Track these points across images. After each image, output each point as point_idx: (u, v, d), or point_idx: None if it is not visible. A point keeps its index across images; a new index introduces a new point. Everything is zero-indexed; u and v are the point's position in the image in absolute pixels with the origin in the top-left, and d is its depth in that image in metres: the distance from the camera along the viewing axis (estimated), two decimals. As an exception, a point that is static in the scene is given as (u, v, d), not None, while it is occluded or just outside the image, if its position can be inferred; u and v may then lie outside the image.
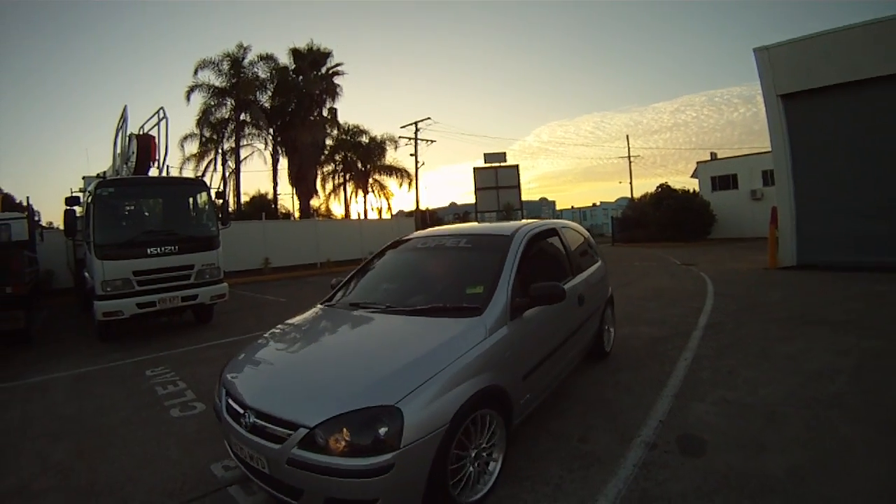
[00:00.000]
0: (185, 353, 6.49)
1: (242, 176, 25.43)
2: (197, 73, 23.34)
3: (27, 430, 4.08)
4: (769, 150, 12.65)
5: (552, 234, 4.22)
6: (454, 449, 2.33)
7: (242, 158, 25.22)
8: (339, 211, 31.53)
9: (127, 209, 7.88)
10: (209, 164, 25.03)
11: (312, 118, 25.95)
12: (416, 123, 28.79)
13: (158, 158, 8.62)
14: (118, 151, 9.45)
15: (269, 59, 24.62)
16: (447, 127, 76.17)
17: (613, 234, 31.67)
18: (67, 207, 7.48)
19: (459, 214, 45.56)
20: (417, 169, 29.43)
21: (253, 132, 25.23)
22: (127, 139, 8.80)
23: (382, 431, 2.09)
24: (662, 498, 2.54)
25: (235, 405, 2.55)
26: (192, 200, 8.22)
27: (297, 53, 25.95)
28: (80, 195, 8.60)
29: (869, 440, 3.01)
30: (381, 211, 32.47)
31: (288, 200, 32.45)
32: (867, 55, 10.43)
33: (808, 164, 11.62)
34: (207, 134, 24.46)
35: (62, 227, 8.41)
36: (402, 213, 38.71)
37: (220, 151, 25.09)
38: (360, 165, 30.31)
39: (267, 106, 25.09)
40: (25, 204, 13.57)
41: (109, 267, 6.86)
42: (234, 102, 23.84)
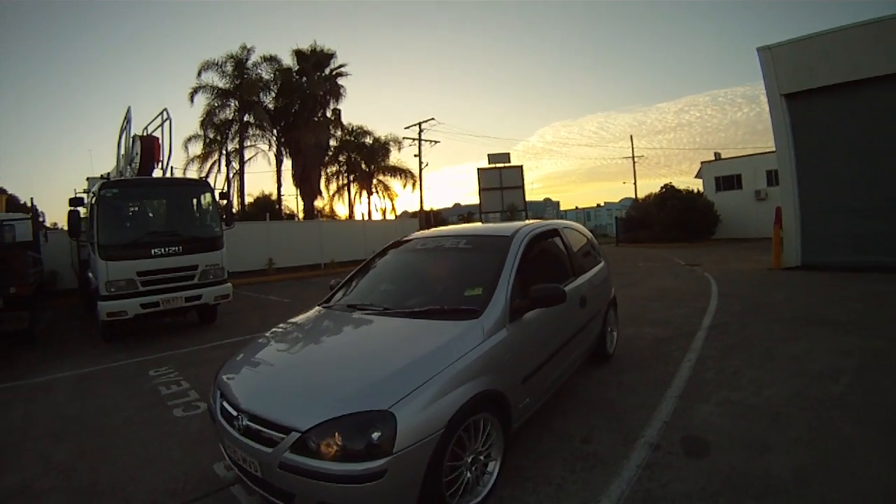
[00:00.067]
0: (188, 353, 6.51)
1: (246, 177, 25.43)
2: (201, 74, 23.43)
3: (30, 429, 4.10)
4: (773, 149, 12.62)
5: (553, 234, 4.17)
6: (450, 454, 2.29)
7: (246, 159, 25.29)
8: (343, 212, 31.60)
9: (131, 210, 7.91)
10: (213, 165, 25.08)
11: (316, 119, 25.95)
12: (419, 124, 28.86)
13: (162, 159, 8.66)
14: (122, 152, 9.49)
15: (272, 60, 24.64)
16: (451, 127, 76.25)
17: (617, 234, 31.62)
18: (71, 208, 7.49)
19: (464, 215, 45.52)
20: (421, 169, 29.49)
21: (257, 133, 25.25)
22: (131, 140, 8.83)
23: (375, 436, 2.05)
24: (666, 499, 2.53)
25: (229, 407, 2.53)
26: (195, 201, 8.24)
27: (300, 54, 25.96)
28: (83, 196, 8.63)
29: (871, 441, 2.99)
30: (384, 212, 32.51)
31: (292, 201, 32.49)
32: (869, 54, 10.38)
33: (812, 164, 11.56)
34: (211, 135, 24.49)
35: (66, 227, 8.42)
36: (406, 213, 38.79)
37: (224, 152, 25.12)
38: (363, 166, 30.32)
39: (271, 107, 25.09)
40: (30, 205, 13.63)
41: (113, 267, 6.88)
42: (237, 104, 23.87)
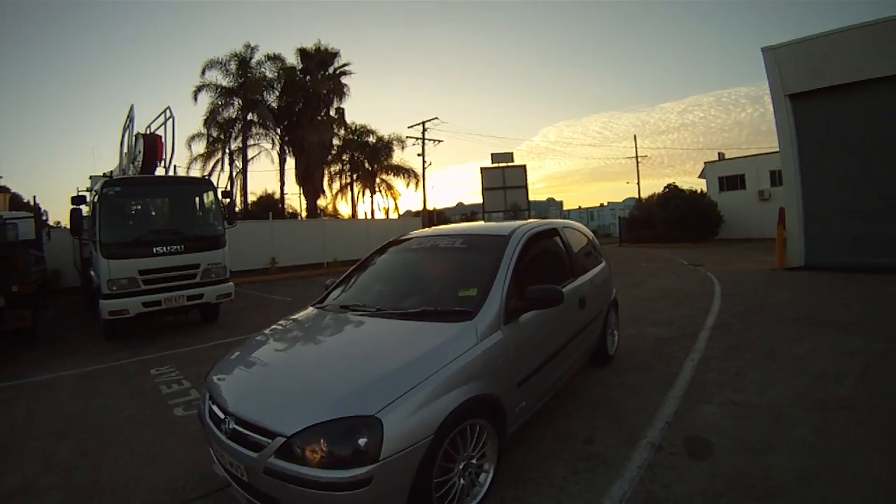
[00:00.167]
0: (190, 352, 6.51)
1: (250, 175, 25.54)
2: (204, 73, 23.53)
3: (32, 428, 4.11)
4: (777, 150, 12.57)
5: (553, 234, 4.10)
6: (440, 460, 2.23)
7: (250, 158, 25.36)
8: (346, 211, 31.69)
9: (133, 208, 7.92)
10: (216, 163, 25.19)
11: (320, 118, 25.97)
12: (423, 123, 28.86)
13: (165, 158, 8.67)
14: (125, 151, 9.49)
15: (276, 59, 24.70)
16: (454, 127, 75.85)
17: (621, 234, 31.52)
18: (74, 206, 7.50)
19: (467, 214, 45.45)
20: (424, 169, 29.47)
21: (260, 132, 25.35)
22: (133, 138, 8.84)
23: (361, 443, 2.00)
24: (668, 500, 2.51)
25: (217, 410, 2.49)
26: (198, 200, 8.25)
27: (304, 53, 25.97)
28: (86, 194, 8.64)
29: (876, 443, 2.97)
30: (388, 211, 32.56)
31: (295, 200, 32.61)
32: (875, 55, 10.32)
33: (816, 164, 11.51)
34: (215, 134, 24.59)
35: (68, 226, 8.44)
36: (409, 213, 38.75)
37: (227, 151, 25.21)
38: (367, 165, 30.37)
39: (274, 106, 25.13)
40: (32, 203, 13.65)
41: (115, 266, 6.89)
42: (241, 102, 23.93)
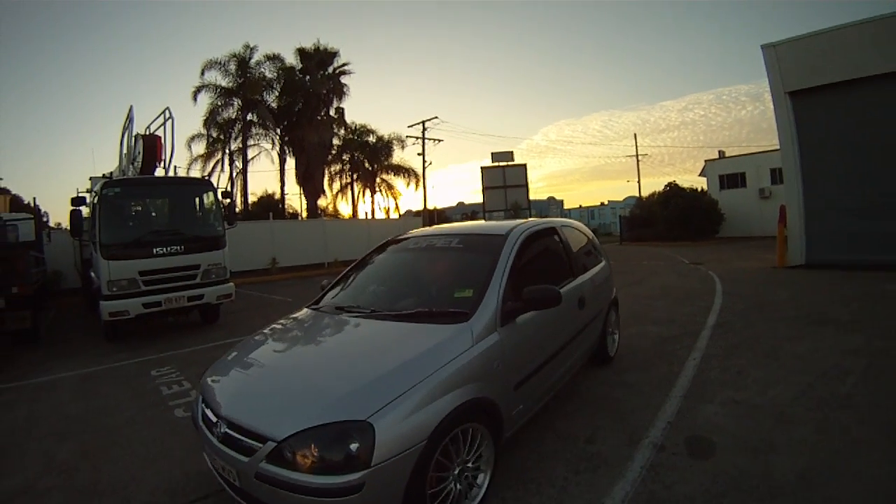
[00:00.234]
0: (190, 353, 6.51)
1: (250, 176, 25.53)
2: (204, 73, 23.51)
3: (33, 429, 4.10)
4: (777, 147, 12.55)
5: (551, 233, 4.06)
6: (434, 466, 2.19)
7: (250, 158, 25.34)
8: (346, 211, 31.69)
9: (133, 209, 7.91)
10: (216, 164, 25.15)
11: (319, 118, 25.94)
12: (423, 122, 28.89)
13: (164, 158, 8.65)
14: (124, 152, 9.49)
15: (275, 59, 24.67)
16: (455, 126, 75.73)
17: (621, 233, 31.53)
18: (73, 207, 7.49)
19: (467, 214, 45.50)
20: (425, 168, 29.48)
21: (260, 132, 25.32)
22: (133, 139, 8.83)
23: (353, 448, 1.96)
24: (670, 501, 2.50)
25: (210, 413, 2.47)
26: (197, 200, 8.23)
27: (303, 53, 25.94)
28: (86, 195, 8.64)
29: (878, 442, 2.96)
30: (388, 210, 32.56)
31: (295, 200, 32.70)
32: (875, 51, 10.30)
33: (817, 161, 11.49)
34: (214, 134, 24.56)
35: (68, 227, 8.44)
36: (409, 212, 38.76)
37: (227, 151, 25.18)
38: (367, 165, 30.36)
39: (274, 106, 25.11)
40: (33, 205, 13.66)
41: (115, 267, 6.88)
42: (241, 102, 23.90)
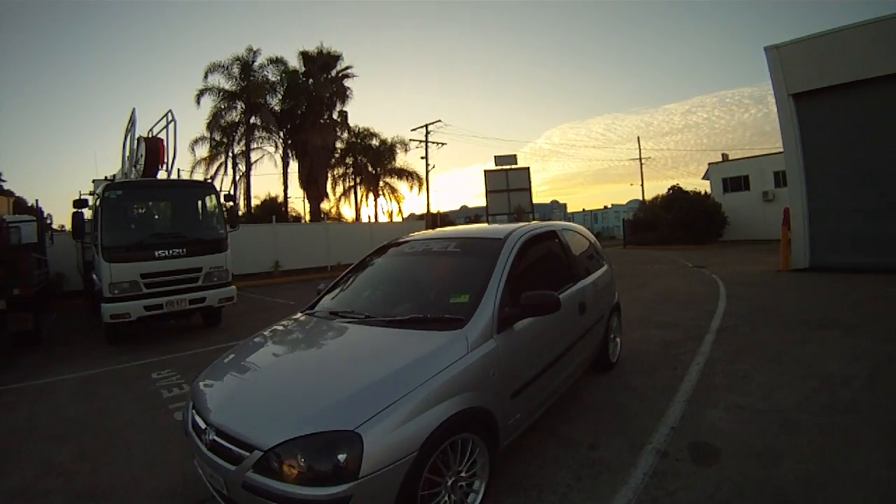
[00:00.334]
0: (192, 356, 6.49)
1: (253, 179, 25.54)
2: (207, 76, 23.60)
3: (33, 431, 4.10)
4: (781, 150, 12.51)
5: (551, 237, 3.99)
6: (427, 476, 2.13)
7: (253, 162, 25.44)
8: (349, 214, 31.70)
9: (135, 212, 7.92)
10: (220, 167, 25.27)
11: (323, 121, 26.01)
12: (426, 126, 28.92)
13: (167, 161, 8.67)
14: (127, 154, 9.52)
15: (278, 62, 24.75)
16: (458, 129, 76.27)
17: (625, 236, 31.52)
18: (75, 210, 7.51)
19: (470, 217, 45.55)
20: (428, 171, 29.52)
21: (263, 135, 25.43)
22: (135, 142, 8.86)
23: (340, 459, 1.90)
24: (673, 508, 2.46)
25: (199, 420, 2.41)
26: (200, 203, 8.24)
27: (306, 56, 26.06)
28: (88, 198, 8.66)
29: (883, 447, 2.92)
30: (391, 214, 32.54)
31: (299, 204, 32.72)
32: (876, 53, 10.27)
33: (820, 164, 11.44)
34: (218, 137, 24.66)
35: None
36: (413, 216, 38.77)
37: (230, 155, 25.30)
38: (370, 168, 30.39)
39: (277, 109, 25.21)
40: (35, 207, 13.71)
41: (117, 269, 6.88)
42: (244, 106, 24.00)
